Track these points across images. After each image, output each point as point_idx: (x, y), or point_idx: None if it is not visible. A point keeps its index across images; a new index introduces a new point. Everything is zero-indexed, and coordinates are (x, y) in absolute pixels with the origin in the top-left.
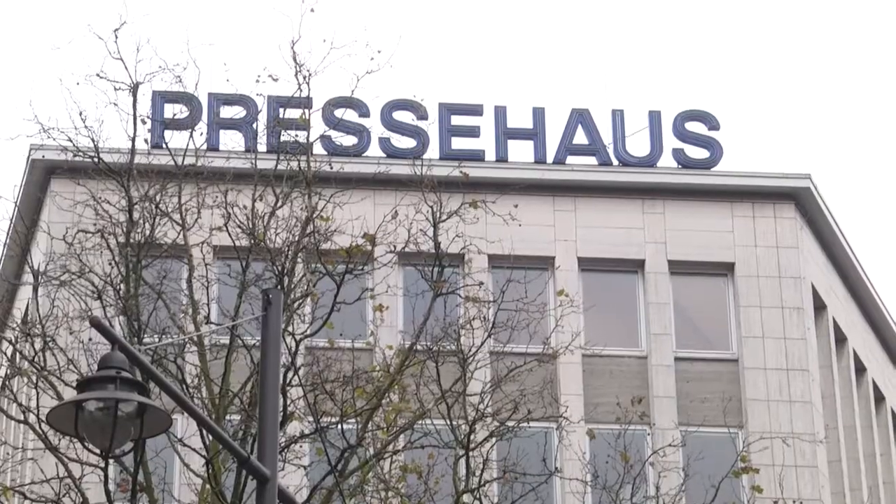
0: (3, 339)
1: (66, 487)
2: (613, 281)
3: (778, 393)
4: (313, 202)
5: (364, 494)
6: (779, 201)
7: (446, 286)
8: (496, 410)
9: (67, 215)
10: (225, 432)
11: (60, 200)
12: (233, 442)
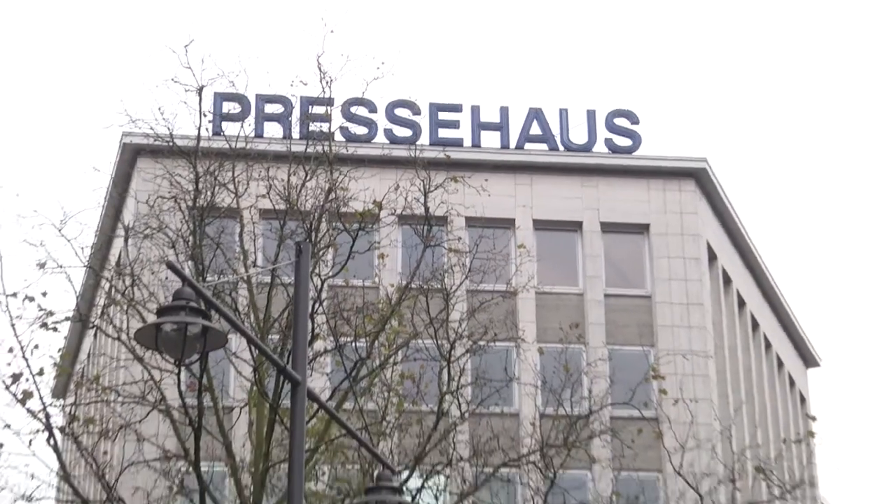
0: (102, 277)
1: (148, 388)
2: (559, 237)
3: (680, 321)
4: (334, 177)
5: (371, 395)
6: (682, 178)
7: (433, 240)
8: (471, 333)
9: (149, 185)
10: (267, 347)
11: (144, 174)
12: (273, 355)
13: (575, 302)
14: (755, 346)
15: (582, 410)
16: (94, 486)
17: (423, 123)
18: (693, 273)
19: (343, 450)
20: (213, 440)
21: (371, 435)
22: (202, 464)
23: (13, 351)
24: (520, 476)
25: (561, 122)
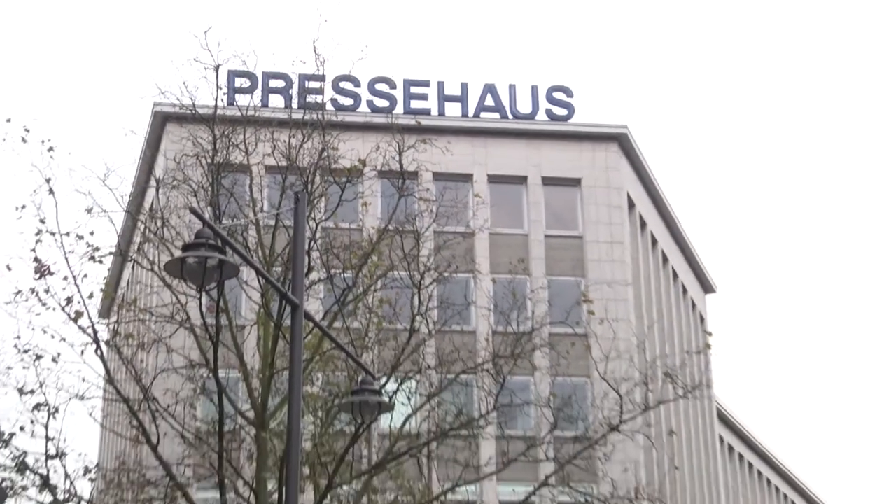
0: (137, 220)
1: (176, 309)
2: (508, 189)
3: (605, 256)
4: (326, 139)
5: (356, 316)
6: (607, 141)
7: (406, 191)
8: (436, 266)
9: (176, 145)
10: (271, 277)
11: (171, 136)
12: (276, 283)
13: (521, 241)
14: (664, 276)
15: (526, 328)
16: (132, 388)
17: (398, 96)
18: (616, 218)
19: (333, 360)
20: (229, 352)
21: (356, 348)
22: (220, 371)
23: (67, 279)
24: (476, 381)
25: (510, 95)
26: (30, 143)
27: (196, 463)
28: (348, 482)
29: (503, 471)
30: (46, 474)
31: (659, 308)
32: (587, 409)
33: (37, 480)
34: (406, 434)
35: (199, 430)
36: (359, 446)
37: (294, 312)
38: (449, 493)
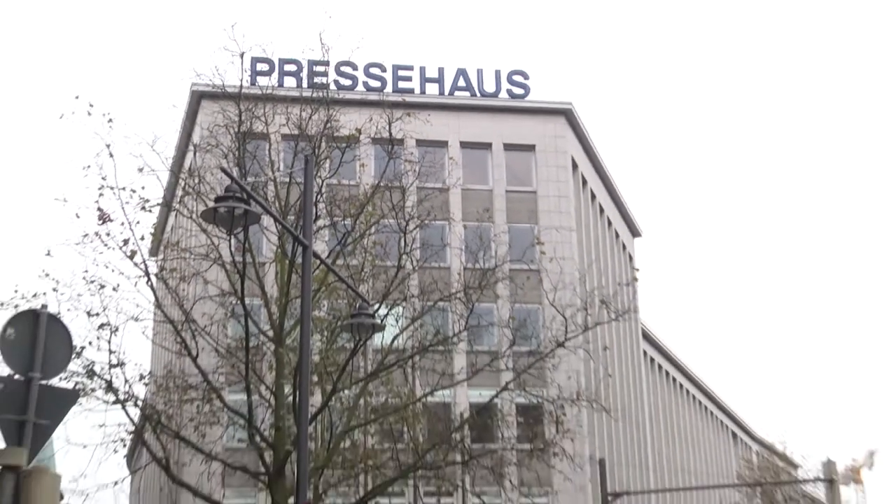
0: (179, 177)
1: (210, 249)
2: (476, 153)
3: (554, 207)
4: (330, 113)
5: (354, 255)
6: (556, 115)
7: (395, 155)
8: (419, 215)
9: (209, 117)
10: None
11: (206, 110)
12: (290, 228)
13: (486, 195)
14: (601, 224)
15: (490, 265)
16: (176, 312)
17: (388, 78)
18: (562, 177)
19: (336, 290)
20: (253, 283)
21: (354, 281)
22: (245, 298)
23: (123, 224)
24: (450, 307)
25: (478, 77)
26: (93, 116)
27: (227, 371)
28: (348, 387)
29: (472, 378)
30: (110, 379)
31: (596, 249)
32: (539, 330)
33: (102, 384)
34: (394, 349)
35: (230, 346)
36: (357, 359)
37: (304, 252)
38: (428, 397)
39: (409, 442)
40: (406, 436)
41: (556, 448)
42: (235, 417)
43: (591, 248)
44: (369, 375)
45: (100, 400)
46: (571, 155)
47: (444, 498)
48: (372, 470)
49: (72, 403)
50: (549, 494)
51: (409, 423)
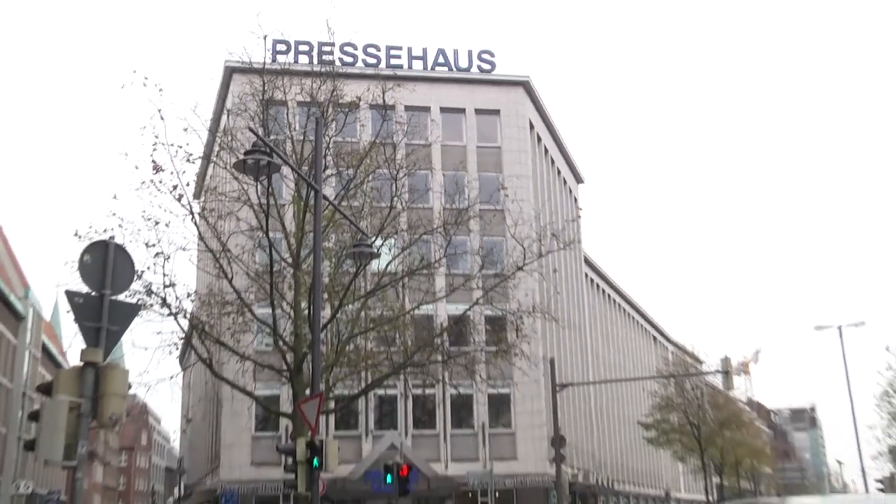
0: (216, 136)
1: (241, 193)
2: (453, 116)
3: (515, 160)
4: (335, 84)
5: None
6: (516, 86)
7: (387, 118)
8: (407, 165)
9: (239, 88)
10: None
11: (237, 82)
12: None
13: (461, 150)
14: (552, 173)
15: (464, 206)
16: (215, 244)
17: (382, 56)
18: (521, 136)
19: (341, 226)
20: (275, 220)
21: (355, 218)
22: (269, 232)
23: (173, 173)
24: (432, 239)
25: (454, 56)
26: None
27: (256, 290)
28: (352, 303)
29: (449, 295)
30: (164, 297)
31: (548, 193)
32: (503, 257)
33: (158, 300)
34: (388, 273)
35: (258, 270)
36: (358, 280)
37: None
38: (415, 310)
39: (400, 346)
40: (397, 341)
41: (516, 350)
42: (263, 327)
43: (544, 193)
44: (368, 293)
45: (156, 313)
46: (528, 118)
47: (427, 389)
48: (371, 368)
49: (135, 314)
50: (511, 386)
51: (400, 331)
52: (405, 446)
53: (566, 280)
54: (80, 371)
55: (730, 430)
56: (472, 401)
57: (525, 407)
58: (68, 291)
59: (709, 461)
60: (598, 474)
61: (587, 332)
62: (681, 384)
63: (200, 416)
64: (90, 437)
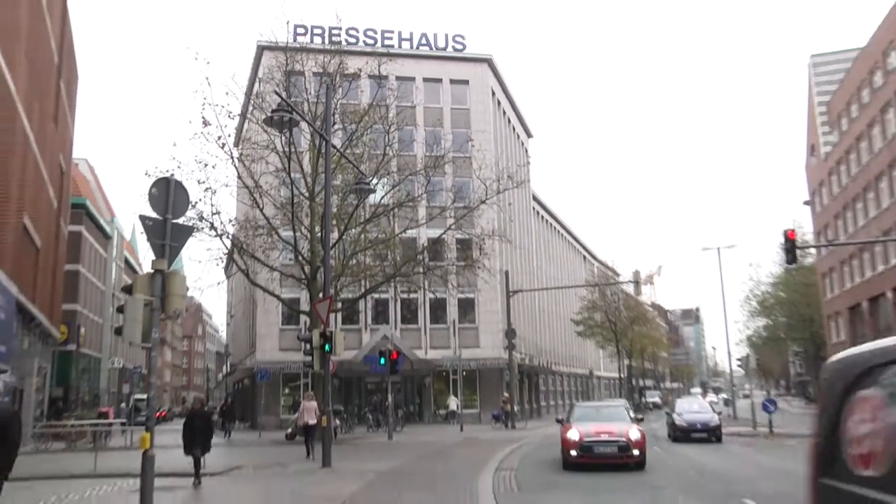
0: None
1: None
2: (432, 85)
3: (480, 118)
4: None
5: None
6: (482, 62)
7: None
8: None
9: (268, 61)
10: (315, 126)
11: (266, 56)
12: (318, 129)
13: (438, 111)
14: (509, 130)
15: (440, 153)
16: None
17: (378, 37)
18: (485, 100)
19: (346, 168)
20: (295, 163)
21: (357, 162)
22: (291, 173)
23: (217, 127)
24: (416, 179)
25: (433, 38)
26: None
27: (281, 218)
28: (354, 228)
29: (429, 222)
30: (212, 222)
31: (505, 144)
32: (470, 193)
33: (207, 224)
34: (382, 204)
35: (282, 202)
36: (358, 211)
37: (326, 144)
38: (403, 233)
39: (390, 261)
40: (389, 257)
41: (479, 264)
42: (286, 246)
43: (502, 144)
44: (366, 220)
45: (206, 234)
46: (491, 87)
47: (411, 294)
48: (368, 277)
49: (190, 234)
50: (475, 292)
51: (391, 249)
52: (395, 337)
53: (518, 212)
54: (151, 276)
55: (638, 326)
56: (446, 303)
57: (486, 308)
58: (141, 216)
59: (622, 348)
60: (540, 358)
61: (533, 251)
62: (603, 291)
63: (241, 313)
64: (160, 327)
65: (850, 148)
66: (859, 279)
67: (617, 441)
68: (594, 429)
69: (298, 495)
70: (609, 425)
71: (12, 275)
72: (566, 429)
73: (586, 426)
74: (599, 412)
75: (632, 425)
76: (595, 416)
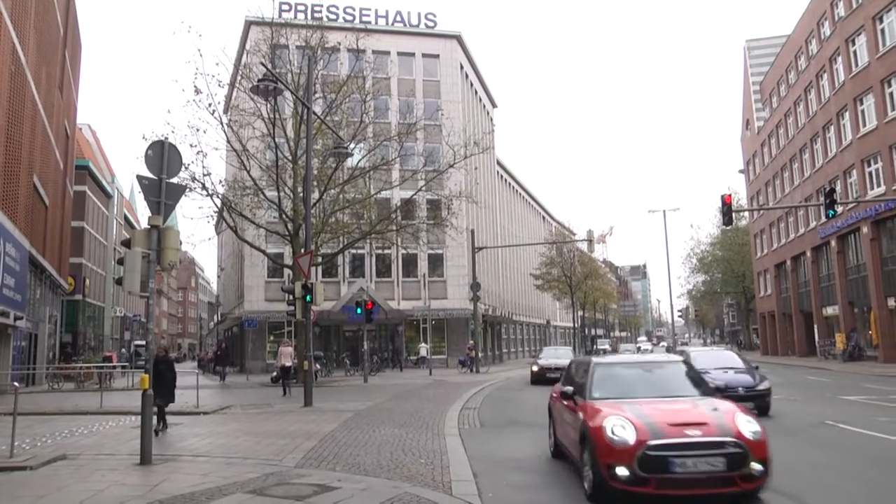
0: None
1: (255, 109)
2: (406, 59)
3: (450, 90)
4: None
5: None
6: (451, 38)
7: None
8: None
9: (256, 35)
10: (297, 95)
11: (254, 30)
12: (300, 97)
13: (411, 83)
14: (476, 100)
15: (413, 121)
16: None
17: (356, 14)
18: (454, 73)
19: (326, 134)
20: (279, 129)
21: (336, 127)
22: (276, 138)
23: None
24: (390, 144)
25: (407, 16)
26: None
27: (266, 179)
28: (333, 188)
29: (402, 184)
30: (203, 182)
31: (472, 113)
32: (440, 158)
33: (199, 185)
34: (358, 167)
35: (268, 165)
36: (337, 173)
37: (308, 112)
38: (378, 194)
39: (366, 219)
40: (365, 216)
41: (448, 223)
42: (271, 204)
43: (469, 113)
44: (345, 182)
45: (198, 193)
46: (459, 61)
47: (385, 249)
48: (346, 234)
49: (182, 193)
50: (444, 248)
51: (367, 209)
52: (370, 289)
53: (483, 175)
54: (148, 231)
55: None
56: (417, 258)
57: (453, 262)
58: (139, 175)
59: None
60: (502, 309)
61: (497, 211)
62: (560, 248)
63: (230, 267)
64: (157, 278)
65: (780, 123)
66: (785, 240)
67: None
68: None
69: (283, 432)
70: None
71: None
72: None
73: (639, 409)
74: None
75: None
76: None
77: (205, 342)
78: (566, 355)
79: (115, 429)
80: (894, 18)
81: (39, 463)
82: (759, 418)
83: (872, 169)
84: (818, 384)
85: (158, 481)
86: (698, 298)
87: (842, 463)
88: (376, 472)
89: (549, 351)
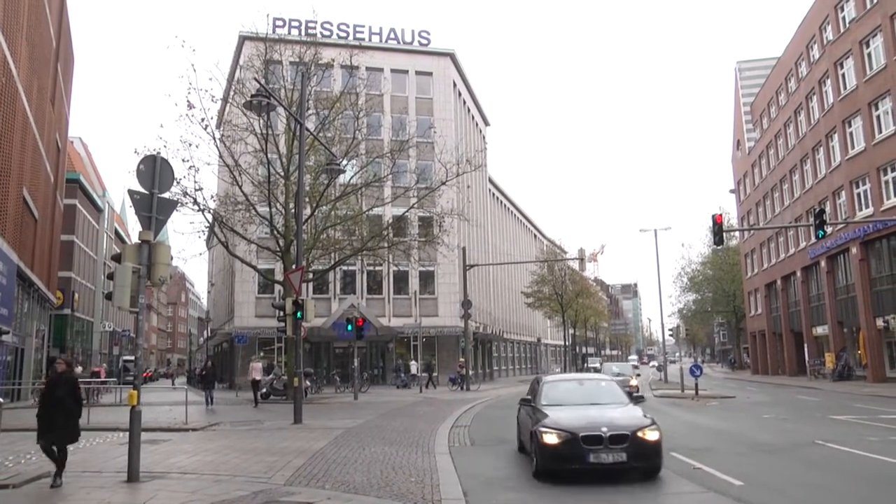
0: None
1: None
2: (399, 76)
3: (442, 106)
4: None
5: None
6: (444, 56)
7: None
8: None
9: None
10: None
11: (247, 46)
12: (293, 114)
13: (404, 100)
14: (468, 118)
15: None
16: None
17: (350, 31)
18: (447, 91)
19: (318, 150)
20: (272, 145)
21: (329, 144)
22: (268, 154)
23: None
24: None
25: (401, 33)
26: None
27: (258, 195)
28: (325, 205)
29: (394, 201)
30: (195, 197)
31: (464, 131)
32: (432, 175)
33: (190, 200)
34: (351, 184)
35: (260, 180)
36: (329, 189)
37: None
38: (369, 211)
39: (358, 236)
40: (356, 232)
41: (439, 240)
42: (263, 220)
43: (461, 131)
44: (337, 198)
45: (189, 208)
46: (452, 79)
47: (377, 266)
48: (337, 251)
49: (174, 208)
50: (435, 265)
51: (358, 226)
52: (361, 306)
53: (475, 193)
54: (138, 246)
55: (582, 298)
56: (408, 275)
57: (444, 280)
58: (130, 190)
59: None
60: (493, 327)
61: (488, 229)
62: (551, 266)
63: (220, 282)
64: (147, 293)
65: (770, 144)
66: (775, 260)
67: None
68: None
69: (273, 449)
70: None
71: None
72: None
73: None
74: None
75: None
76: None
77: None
78: None
79: (102, 445)
80: (880, 43)
81: (22, 481)
82: None
83: (861, 190)
84: (808, 403)
85: (145, 499)
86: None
87: (832, 482)
88: (366, 491)
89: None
